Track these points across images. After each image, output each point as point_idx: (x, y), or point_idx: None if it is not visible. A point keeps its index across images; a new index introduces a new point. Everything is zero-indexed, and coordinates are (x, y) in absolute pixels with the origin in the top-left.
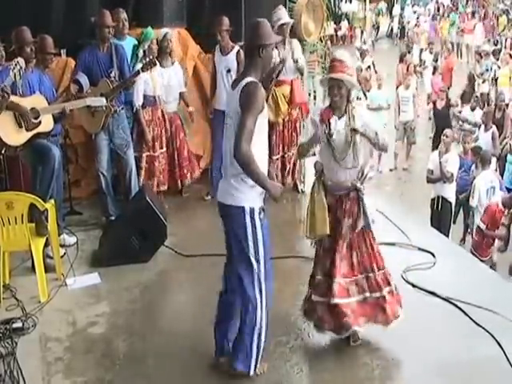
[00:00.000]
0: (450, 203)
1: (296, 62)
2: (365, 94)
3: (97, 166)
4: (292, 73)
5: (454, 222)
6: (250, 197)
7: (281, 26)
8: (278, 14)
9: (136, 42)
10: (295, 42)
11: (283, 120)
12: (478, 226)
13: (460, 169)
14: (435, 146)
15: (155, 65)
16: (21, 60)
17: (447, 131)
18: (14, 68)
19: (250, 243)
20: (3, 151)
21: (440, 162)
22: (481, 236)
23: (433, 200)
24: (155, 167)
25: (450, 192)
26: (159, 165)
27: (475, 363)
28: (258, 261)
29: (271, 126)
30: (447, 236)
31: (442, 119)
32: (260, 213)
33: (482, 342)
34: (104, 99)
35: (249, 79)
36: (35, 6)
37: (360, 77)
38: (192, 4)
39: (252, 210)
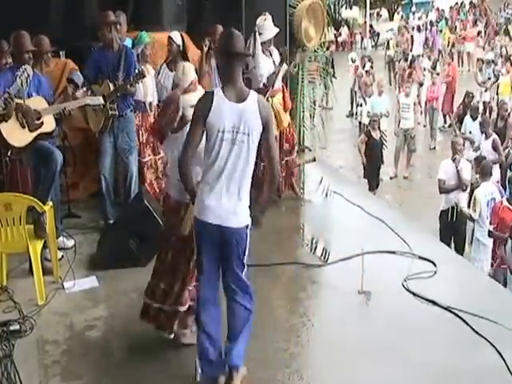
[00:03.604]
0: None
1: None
2: (364, 100)
3: (99, 169)
4: (280, 80)
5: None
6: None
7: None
8: (265, 25)
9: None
10: (275, 49)
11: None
12: (489, 230)
13: None
14: (371, 188)
15: (144, 77)
16: (28, 67)
17: (456, 139)
18: (21, 75)
19: (246, 255)
20: (9, 153)
21: (457, 170)
22: (493, 241)
23: (445, 211)
24: (145, 173)
25: (464, 201)
26: (148, 171)
27: (476, 373)
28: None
29: None
30: (463, 248)
31: (375, 151)
32: None
33: (482, 352)
34: (101, 99)
35: (255, 93)
36: (34, 8)
37: (360, 82)
38: (192, 7)
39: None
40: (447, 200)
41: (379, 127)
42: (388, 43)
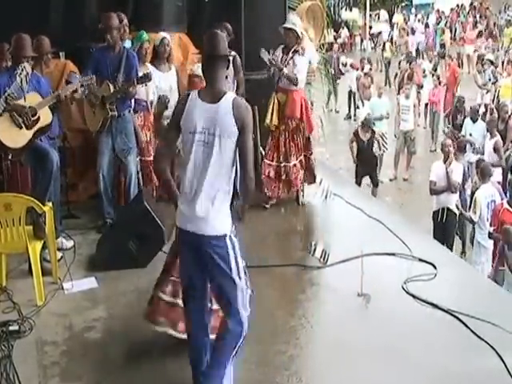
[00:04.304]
0: (455, 214)
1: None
2: (362, 102)
3: (97, 168)
4: (286, 81)
5: (457, 234)
6: (230, 219)
7: (284, 30)
8: (287, 18)
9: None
10: (303, 56)
11: (279, 128)
12: (489, 232)
13: None
14: (358, 184)
15: (150, 80)
16: (27, 65)
17: (446, 141)
18: (20, 73)
19: (233, 266)
20: (10, 157)
21: (447, 172)
22: (494, 243)
23: (436, 212)
24: (151, 173)
25: (454, 202)
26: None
27: (476, 376)
28: (240, 278)
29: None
30: (451, 248)
31: (366, 153)
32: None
33: (482, 355)
34: (94, 76)
35: (232, 94)
36: (34, 9)
37: (358, 84)
38: (192, 8)
39: (231, 232)
40: (438, 201)
41: (373, 130)
42: (384, 45)
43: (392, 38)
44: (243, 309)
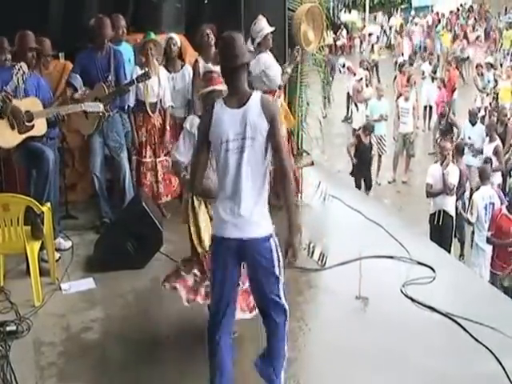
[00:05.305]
0: (452, 217)
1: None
2: (356, 106)
3: (91, 168)
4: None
5: (455, 236)
6: (270, 218)
7: (266, 36)
8: (259, 24)
9: (131, 48)
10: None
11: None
12: (487, 237)
13: None
14: (358, 187)
15: (149, 78)
16: (24, 65)
17: (445, 144)
18: (17, 72)
19: (276, 264)
20: None
21: (443, 174)
22: (492, 248)
23: (432, 215)
24: (141, 174)
25: (450, 205)
26: (148, 173)
27: (475, 380)
28: (280, 273)
29: None
30: (449, 251)
31: (364, 155)
32: None
33: (481, 359)
34: (101, 105)
35: (258, 92)
36: (34, 9)
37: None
38: (191, 9)
39: (273, 231)
40: (434, 204)
41: (371, 134)
42: (372, 47)
43: (390, 41)
44: (284, 299)
